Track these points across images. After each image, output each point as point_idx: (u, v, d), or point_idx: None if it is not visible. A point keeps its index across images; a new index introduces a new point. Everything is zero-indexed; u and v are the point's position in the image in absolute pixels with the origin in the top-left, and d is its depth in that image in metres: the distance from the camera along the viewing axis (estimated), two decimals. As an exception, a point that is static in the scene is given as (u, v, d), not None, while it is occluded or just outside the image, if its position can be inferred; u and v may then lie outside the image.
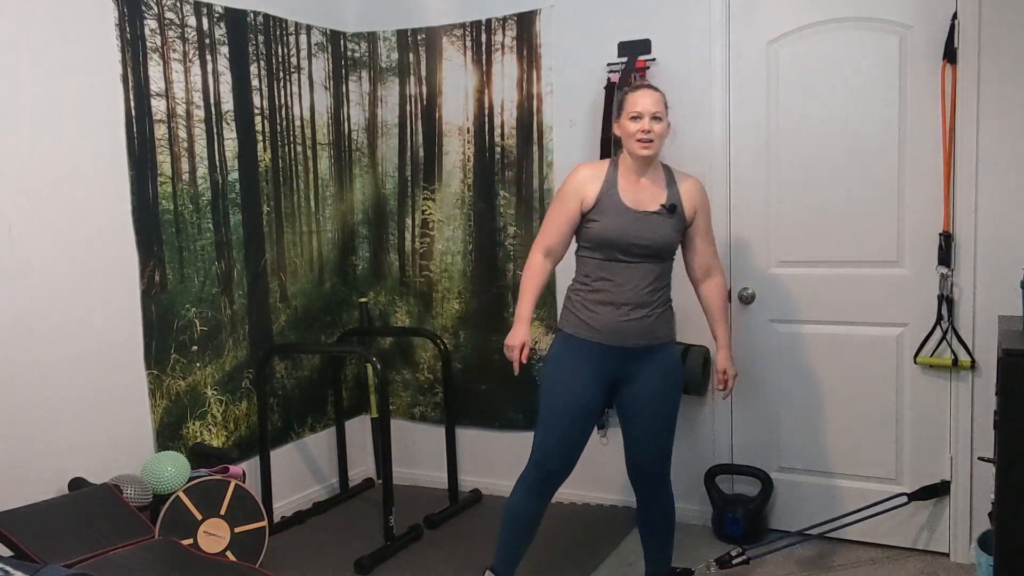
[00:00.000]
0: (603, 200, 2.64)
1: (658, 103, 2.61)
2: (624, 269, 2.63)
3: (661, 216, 2.64)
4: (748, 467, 3.45)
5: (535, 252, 2.74)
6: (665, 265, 2.69)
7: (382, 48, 4.06)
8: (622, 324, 2.63)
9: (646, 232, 2.61)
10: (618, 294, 2.63)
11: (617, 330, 2.63)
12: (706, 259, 2.77)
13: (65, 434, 2.89)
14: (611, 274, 2.63)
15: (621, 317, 2.63)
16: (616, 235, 2.61)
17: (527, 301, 2.72)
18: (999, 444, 2.31)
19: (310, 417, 3.94)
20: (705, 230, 2.76)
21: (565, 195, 2.70)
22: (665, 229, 2.64)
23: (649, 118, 2.58)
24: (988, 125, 2.95)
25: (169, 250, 3.22)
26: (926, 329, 3.12)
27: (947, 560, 3.17)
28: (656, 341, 2.68)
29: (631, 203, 2.63)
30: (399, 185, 4.10)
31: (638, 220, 2.62)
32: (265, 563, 3.08)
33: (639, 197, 2.65)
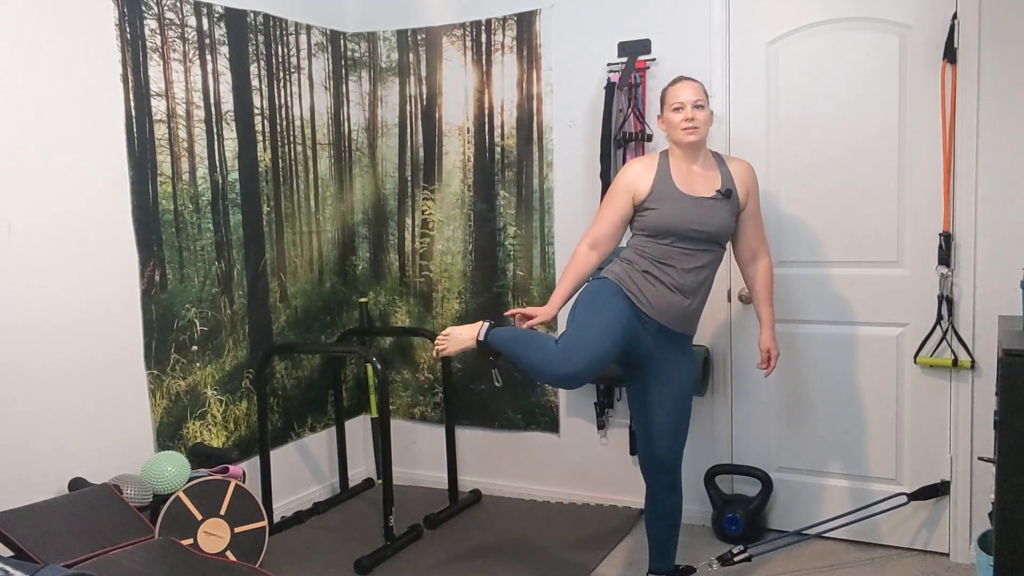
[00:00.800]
0: (657, 188, 2.68)
1: (698, 92, 2.68)
2: (682, 255, 2.65)
3: (717, 201, 2.69)
4: (748, 467, 3.45)
5: (582, 243, 2.78)
6: (719, 253, 2.73)
7: (382, 48, 4.06)
8: (674, 307, 2.65)
9: (704, 217, 2.65)
10: (678, 278, 2.65)
11: (665, 310, 2.65)
12: (754, 242, 2.82)
13: (65, 434, 2.89)
14: (671, 260, 2.65)
15: (674, 299, 2.65)
16: (675, 221, 2.64)
17: (564, 286, 2.76)
18: (999, 444, 2.31)
19: (310, 417, 3.94)
20: (755, 213, 2.81)
21: (617, 191, 2.74)
22: (722, 214, 2.68)
23: (691, 106, 2.65)
24: (988, 125, 2.95)
25: (169, 250, 3.22)
26: (926, 329, 3.12)
27: (947, 560, 3.17)
28: (688, 330, 2.75)
29: (687, 190, 2.68)
30: (399, 185, 4.10)
31: (697, 206, 2.66)
32: (265, 563, 3.08)
33: (693, 184, 2.69)
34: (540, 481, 3.95)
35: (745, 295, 3.41)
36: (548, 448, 3.89)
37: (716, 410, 3.53)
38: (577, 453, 3.80)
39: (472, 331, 2.77)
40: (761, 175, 3.34)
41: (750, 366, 3.45)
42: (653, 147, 3.50)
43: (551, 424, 3.86)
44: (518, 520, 3.71)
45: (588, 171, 3.60)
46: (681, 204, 2.65)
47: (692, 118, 2.65)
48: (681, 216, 2.64)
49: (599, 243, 2.77)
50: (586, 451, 3.80)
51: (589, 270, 2.77)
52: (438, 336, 2.84)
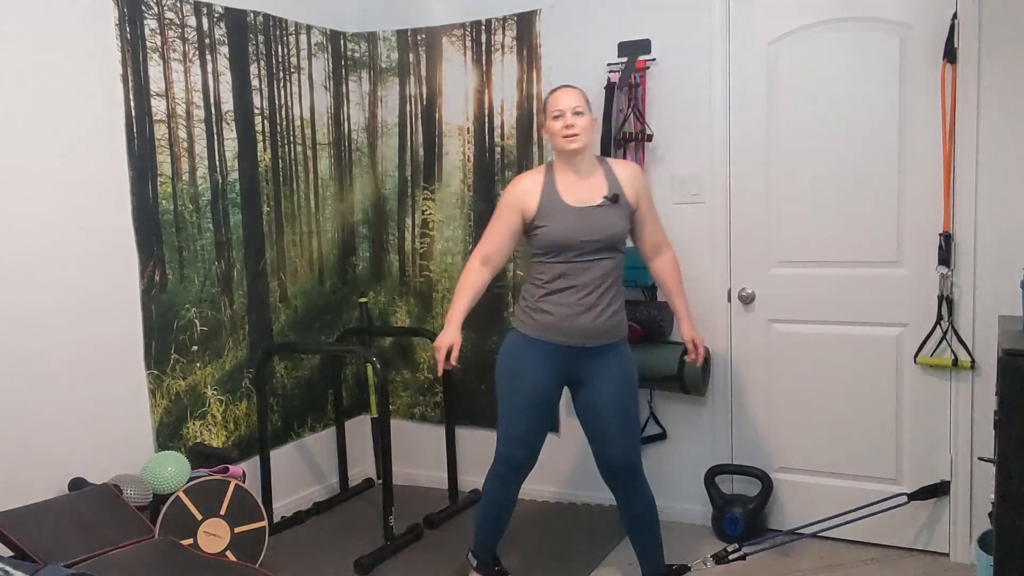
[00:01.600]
0: (544, 205, 2.70)
1: (578, 98, 2.70)
2: (580, 269, 2.68)
3: (605, 207, 2.71)
4: (748, 467, 3.45)
5: (473, 259, 2.82)
6: (618, 257, 2.75)
7: (382, 48, 4.06)
8: (575, 324, 2.69)
9: (594, 226, 2.68)
10: (574, 295, 2.69)
11: (571, 331, 2.70)
12: (655, 239, 2.87)
13: (65, 434, 2.89)
14: (568, 276, 2.69)
15: (576, 318, 2.69)
16: (565, 236, 2.67)
17: (459, 305, 2.78)
18: (999, 444, 2.31)
19: (310, 417, 3.94)
20: (649, 212, 2.84)
21: (505, 206, 2.78)
22: (611, 219, 2.71)
23: (571, 113, 2.66)
24: (988, 125, 2.95)
25: (169, 250, 3.22)
26: (926, 329, 3.12)
27: (947, 560, 3.17)
28: (611, 340, 2.75)
29: (573, 201, 2.70)
30: (399, 185, 4.10)
31: (584, 216, 2.68)
32: (265, 563, 3.08)
33: (580, 193, 2.72)
34: (540, 481, 3.94)
35: (745, 295, 3.41)
36: (548, 448, 3.87)
37: (716, 410, 3.53)
38: (577, 453, 3.80)
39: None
40: (761, 175, 3.36)
41: (750, 366, 3.45)
42: (653, 147, 3.50)
43: (551, 424, 3.84)
44: (518, 520, 3.70)
45: (588, 171, 3.60)
46: (569, 217, 2.68)
47: (571, 125, 2.65)
48: (571, 229, 2.66)
49: (490, 258, 2.80)
50: (586, 451, 3.78)
51: (482, 286, 2.82)
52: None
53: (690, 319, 2.93)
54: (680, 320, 2.93)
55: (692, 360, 2.95)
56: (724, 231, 3.43)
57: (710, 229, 3.45)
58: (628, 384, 2.79)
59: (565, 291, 2.69)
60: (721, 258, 3.45)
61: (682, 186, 3.47)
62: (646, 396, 3.63)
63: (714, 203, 3.43)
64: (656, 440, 3.64)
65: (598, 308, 2.70)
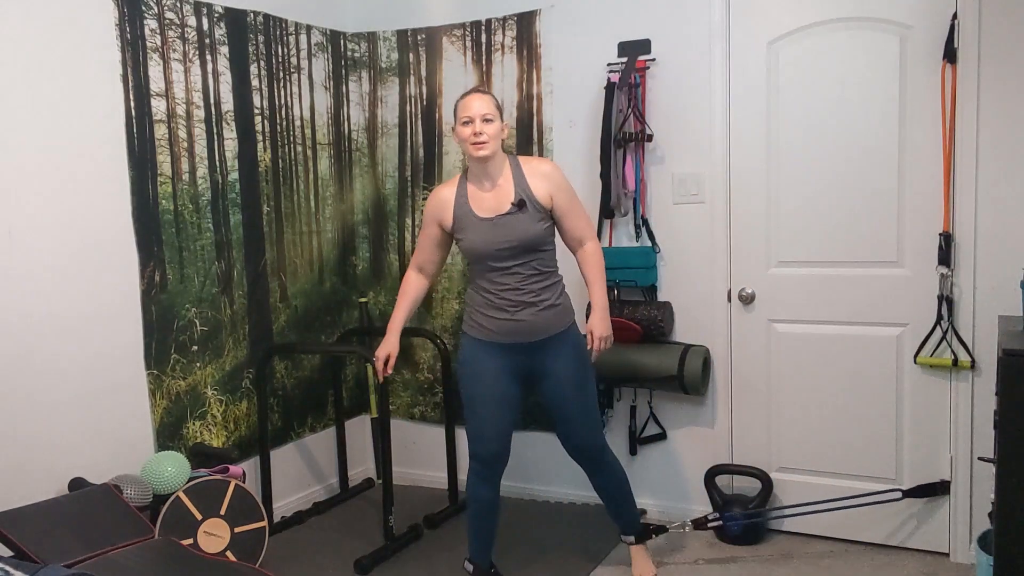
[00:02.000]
0: (458, 217, 2.81)
1: (487, 105, 2.72)
2: (500, 275, 2.77)
3: (513, 215, 2.75)
4: (748, 467, 3.45)
5: (410, 268, 3.00)
6: (541, 258, 2.80)
7: (382, 48, 4.06)
8: (511, 324, 2.78)
9: (505, 234, 2.74)
10: (502, 298, 2.78)
11: (510, 330, 2.79)
12: (576, 232, 2.86)
13: (65, 434, 2.89)
14: (491, 281, 2.79)
15: (508, 318, 2.78)
16: (480, 246, 2.76)
17: (398, 314, 2.97)
18: (999, 444, 2.31)
19: (310, 417, 3.94)
20: (568, 208, 2.82)
21: (426, 220, 2.92)
22: (523, 225, 2.74)
23: (480, 120, 2.69)
24: (988, 125, 2.95)
25: (169, 250, 3.22)
26: (926, 329, 3.12)
27: (947, 560, 3.17)
28: (553, 332, 2.82)
29: (485, 212, 2.78)
30: (399, 185, 4.10)
31: (494, 226, 2.75)
32: (265, 563, 3.08)
33: (490, 203, 2.78)
34: (540, 481, 3.95)
35: (745, 295, 3.41)
36: (548, 448, 3.89)
37: (716, 410, 3.53)
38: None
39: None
40: (761, 175, 3.35)
41: (750, 366, 3.46)
42: (653, 147, 3.51)
43: (550, 424, 3.84)
44: (518, 520, 3.71)
45: (588, 171, 3.60)
46: (481, 229, 2.76)
47: (480, 132, 2.69)
48: (484, 241, 2.75)
49: (424, 267, 2.97)
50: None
51: (421, 292, 3.00)
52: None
53: (601, 311, 2.87)
54: (592, 310, 2.87)
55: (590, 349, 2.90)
56: (724, 231, 3.43)
57: (710, 229, 3.45)
58: (580, 369, 2.87)
59: (497, 294, 2.79)
60: (721, 258, 3.45)
61: (682, 186, 3.47)
62: (646, 396, 3.64)
63: (714, 203, 3.43)
64: (656, 440, 3.64)
65: (533, 306, 2.78)
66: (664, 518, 3.63)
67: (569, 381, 2.85)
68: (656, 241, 3.53)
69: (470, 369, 2.88)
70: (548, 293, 2.81)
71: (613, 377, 3.51)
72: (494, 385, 2.85)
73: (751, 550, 3.33)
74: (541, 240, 2.78)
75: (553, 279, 2.84)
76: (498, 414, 2.87)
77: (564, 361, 2.84)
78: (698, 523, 3.26)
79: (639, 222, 3.54)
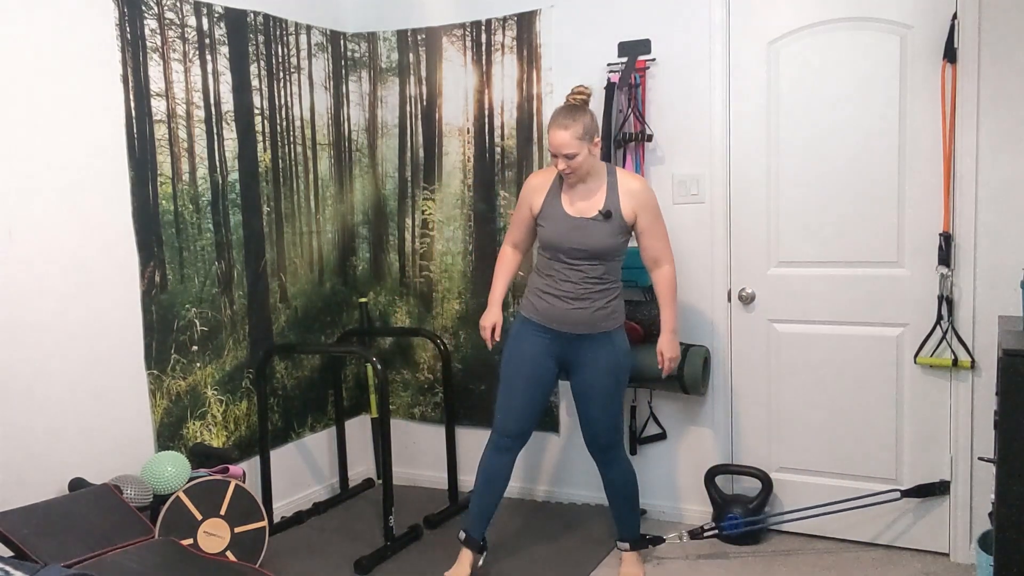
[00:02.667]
0: (547, 208, 2.98)
1: (568, 141, 2.82)
2: (565, 268, 2.94)
3: (598, 222, 2.91)
4: (748, 467, 3.45)
5: (505, 244, 3.19)
6: (607, 264, 2.96)
7: (382, 48, 4.06)
8: (565, 313, 2.94)
9: (583, 238, 2.90)
10: (561, 288, 2.95)
11: (561, 318, 2.96)
12: (653, 252, 2.99)
13: (65, 434, 2.89)
14: (555, 271, 2.96)
15: (564, 307, 2.95)
16: (556, 240, 2.94)
17: (498, 286, 3.16)
18: (999, 444, 2.31)
19: (310, 417, 3.94)
20: (650, 228, 2.96)
21: (520, 202, 3.11)
22: (601, 234, 2.91)
23: (563, 158, 2.84)
24: (988, 125, 2.95)
25: (169, 250, 3.22)
26: (926, 329, 3.12)
27: (947, 560, 3.17)
28: (598, 330, 2.96)
29: (572, 211, 2.94)
30: (399, 185, 4.10)
31: (576, 227, 2.92)
32: (265, 563, 3.08)
33: (579, 204, 2.94)
34: (540, 481, 3.95)
35: (745, 295, 3.41)
36: (548, 448, 3.89)
37: (716, 410, 3.53)
38: (577, 453, 3.80)
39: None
40: (761, 175, 3.36)
41: (750, 366, 3.46)
42: (653, 147, 3.51)
43: (551, 424, 3.86)
44: (518, 520, 3.71)
45: (588, 171, 3.60)
46: (563, 225, 2.93)
47: (566, 169, 2.86)
48: (562, 236, 2.92)
49: (519, 243, 3.16)
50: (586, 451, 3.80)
51: (516, 265, 3.19)
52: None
53: (671, 334, 3.02)
54: (662, 331, 3.04)
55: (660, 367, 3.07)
56: (724, 231, 3.43)
57: (710, 229, 3.45)
58: (613, 371, 3.00)
59: (557, 284, 2.95)
60: (721, 258, 3.45)
61: (682, 186, 3.47)
62: (646, 396, 3.64)
63: (714, 203, 3.43)
64: (656, 440, 3.64)
65: (585, 302, 2.93)
66: (664, 518, 3.63)
67: (600, 377, 2.99)
68: (656, 241, 3.53)
69: (514, 346, 3.05)
70: (604, 296, 2.96)
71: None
72: (533, 366, 3.02)
73: (751, 550, 3.33)
74: (614, 251, 2.95)
75: (612, 285, 2.99)
76: (530, 392, 3.03)
77: (601, 361, 2.98)
78: (694, 533, 3.25)
79: (639, 222, 3.54)
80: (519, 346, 3.04)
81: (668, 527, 3.38)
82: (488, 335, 3.13)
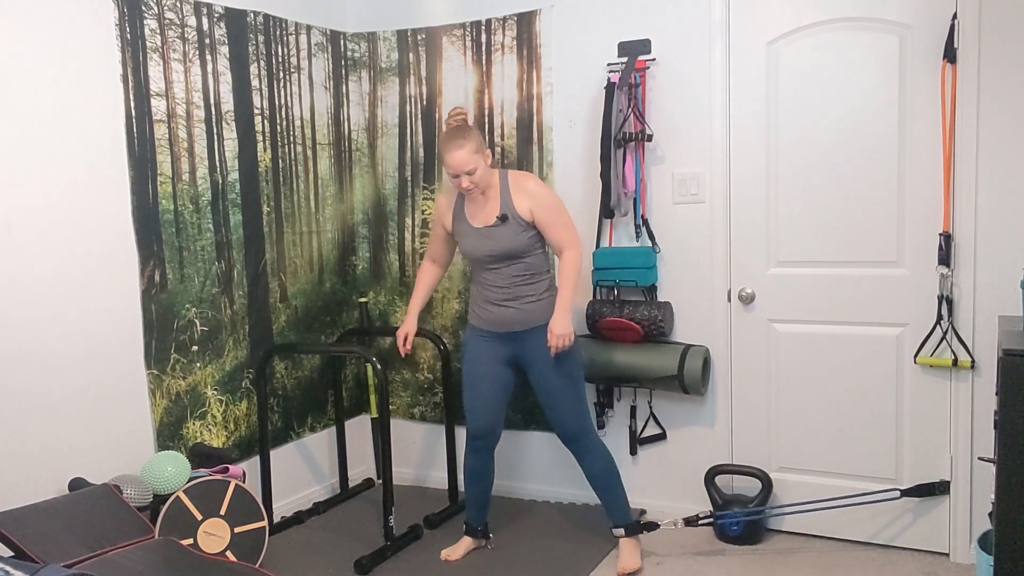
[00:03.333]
0: (456, 225, 3.20)
1: (466, 160, 2.99)
2: (489, 273, 3.14)
3: (497, 227, 3.09)
4: (748, 467, 3.45)
5: (425, 259, 3.42)
6: (527, 261, 3.12)
7: (382, 48, 4.06)
8: (501, 315, 3.13)
9: (491, 244, 3.09)
10: (491, 292, 3.14)
11: (499, 320, 3.14)
12: (555, 243, 3.13)
13: (65, 434, 2.89)
14: (484, 278, 3.16)
15: (498, 309, 3.13)
16: (471, 251, 3.16)
17: (415, 298, 3.41)
18: (999, 444, 2.31)
19: (310, 417, 3.94)
20: (548, 221, 3.10)
21: (433, 221, 3.35)
22: (506, 237, 3.08)
23: (464, 176, 3.01)
24: (988, 125, 2.95)
25: (169, 250, 3.22)
26: (926, 329, 3.12)
27: (947, 560, 3.17)
28: (536, 324, 3.11)
29: (475, 222, 3.14)
30: (399, 185, 4.10)
31: (483, 236, 3.11)
32: (265, 563, 3.08)
33: (480, 215, 3.13)
34: (540, 481, 3.95)
35: (745, 295, 3.41)
36: (548, 448, 3.89)
37: (716, 410, 3.53)
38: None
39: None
40: (761, 175, 3.36)
41: (750, 366, 3.46)
42: (653, 147, 3.51)
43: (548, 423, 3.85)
44: (518, 520, 3.71)
45: (588, 171, 3.60)
46: (472, 237, 3.14)
47: (468, 186, 3.03)
48: (474, 247, 3.14)
49: (437, 258, 3.40)
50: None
51: (433, 279, 3.43)
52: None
53: (562, 312, 3.06)
54: (555, 310, 3.07)
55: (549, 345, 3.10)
56: (724, 231, 3.43)
57: (710, 229, 3.45)
58: (563, 358, 3.12)
59: (488, 289, 3.15)
60: (721, 258, 3.45)
61: (682, 186, 3.47)
62: (646, 396, 3.64)
63: (714, 203, 3.43)
64: (656, 440, 3.64)
65: (515, 301, 3.11)
66: (664, 518, 3.63)
67: (551, 369, 3.12)
68: (656, 241, 3.53)
69: (468, 352, 3.26)
70: (532, 290, 3.12)
71: (613, 377, 3.51)
72: (487, 367, 3.21)
73: (751, 550, 3.33)
74: (525, 249, 3.10)
75: (539, 279, 3.15)
76: (489, 392, 3.22)
77: (546, 351, 3.09)
78: (689, 520, 3.27)
79: (639, 222, 3.54)
80: (471, 351, 3.24)
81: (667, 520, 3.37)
82: (400, 343, 3.37)
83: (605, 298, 3.59)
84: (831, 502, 3.27)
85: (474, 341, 3.24)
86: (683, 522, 3.27)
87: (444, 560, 3.32)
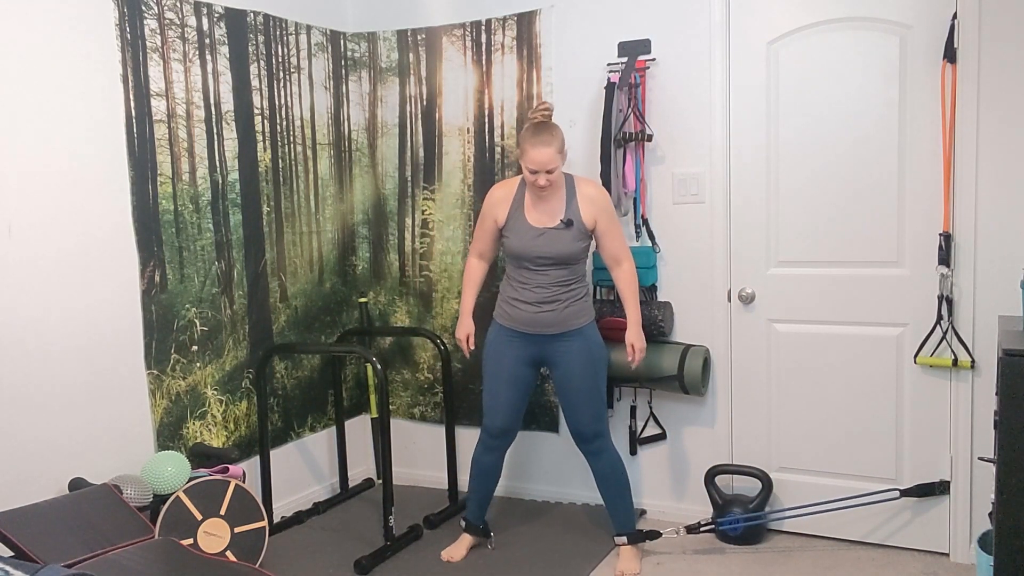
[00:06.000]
0: (511, 221, 3.14)
1: (551, 159, 2.96)
2: (532, 274, 3.11)
3: (559, 230, 3.06)
4: (748, 467, 3.45)
5: (471, 255, 3.34)
6: (573, 268, 3.12)
7: (382, 48, 4.06)
8: (535, 316, 3.11)
9: (547, 246, 3.06)
10: (529, 293, 3.11)
11: (532, 321, 3.12)
12: (613, 252, 3.14)
13: (65, 434, 2.89)
14: (522, 278, 3.13)
15: (534, 311, 3.11)
16: (522, 250, 3.10)
17: (467, 297, 3.34)
18: (999, 444, 2.31)
19: (310, 417, 3.94)
20: (608, 230, 3.12)
21: (483, 214, 3.25)
22: (564, 241, 3.06)
23: (544, 173, 2.98)
24: (988, 125, 2.95)
25: (169, 250, 3.22)
26: (926, 329, 3.12)
27: (947, 560, 3.17)
28: (570, 328, 3.11)
29: (534, 221, 3.09)
30: (399, 185, 4.10)
31: (540, 236, 3.07)
32: (265, 563, 3.08)
33: (541, 215, 3.09)
34: (540, 481, 3.95)
35: (745, 295, 3.42)
36: (548, 448, 3.89)
37: (716, 410, 3.53)
38: (577, 453, 3.79)
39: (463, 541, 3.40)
40: (761, 175, 3.36)
41: (750, 366, 3.46)
42: (653, 147, 3.51)
43: (551, 424, 3.86)
44: (518, 520, 3.71)
45: (588, 171, 3.60)
46: (527, 236, 3.08)
47: (544, 185, 2.99)
48: (527, 246, 3.08)
49: (484, 254, 3.31)
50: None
51: (482, 276, 3.34)
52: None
53: (637, 326, 3.16)
54: (628, 325, 3.16)
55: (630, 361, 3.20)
56: (724, 231, 3.43)
57: (710, 229, 3.45)
58: (591, 363, 3.14)
59: (526, 289, 3.11)
60: (721, 258, 3.45)
61: (682, 186, 3.47)
62: (646, 396, 3.64)
63: (714, 203, 3.43)
64: (656, 440, 3.64)
65: (553, 303, 3.09)
66: (664, 518, 3.63)
67: (577, 371, 3.12)
68: (656, 241, 3.53)
69: (492, 350, 3.23)
70: (572, 297, 3.11)
71: (613, 377, 3.50)
72: (511, 368, 3.18)
73: (751, 550, 3.33)
74: (578, 255, 3.11)
75: (579, 284, 3.15)
76: (511, 393, 3.20)
77: (576, 354, 3.11)
78: (691, 528, 3.28)
79: (639, 222, 3.54)
80: (496, 350, 3.21)
81: (668, 527, 3.38)
82: (463, 345, 3.32)
83: (605, 298, 3.59)
84: (832, 504, 3.27)
85: (499, 340, 3.21)
86: (684, 530, 3.27)
87: (446, 561, 3.30)
